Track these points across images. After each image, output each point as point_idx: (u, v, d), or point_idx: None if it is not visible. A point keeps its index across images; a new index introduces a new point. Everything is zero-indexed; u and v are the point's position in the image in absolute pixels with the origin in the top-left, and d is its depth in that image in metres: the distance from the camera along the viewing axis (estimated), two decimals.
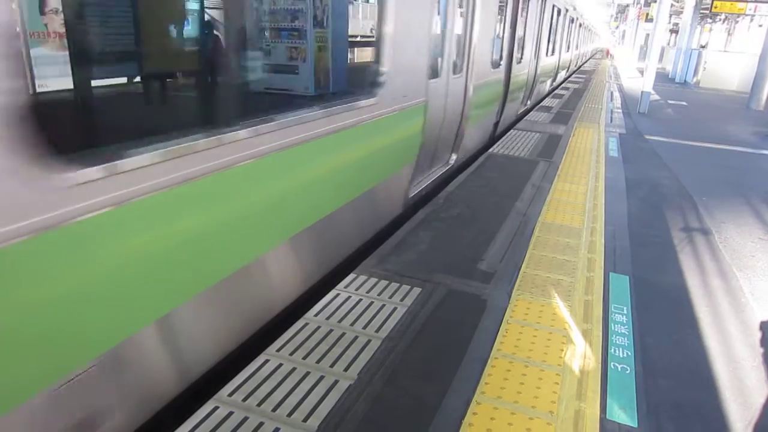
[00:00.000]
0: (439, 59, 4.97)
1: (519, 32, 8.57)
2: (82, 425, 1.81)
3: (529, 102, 11.10)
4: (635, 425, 2.18)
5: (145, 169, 1.83)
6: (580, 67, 29.10)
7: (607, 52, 48.05)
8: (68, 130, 3.19)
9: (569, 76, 21.63)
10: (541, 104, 12.19)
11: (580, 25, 23.94)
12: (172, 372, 2.22)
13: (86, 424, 1.82)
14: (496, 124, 8.12)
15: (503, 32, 7.56)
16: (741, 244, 4.49)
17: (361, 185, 3.59)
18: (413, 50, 4.02)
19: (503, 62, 7.67)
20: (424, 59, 4.25)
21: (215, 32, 3.99)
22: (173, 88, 4.31)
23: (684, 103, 15.83)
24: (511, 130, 8.41)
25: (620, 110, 12.77)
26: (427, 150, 4.80)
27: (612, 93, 16.72)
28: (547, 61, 12.95)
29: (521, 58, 9.02)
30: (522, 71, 9.27)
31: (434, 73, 4.70)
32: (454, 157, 5.86)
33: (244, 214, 2.43)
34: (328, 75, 4.24)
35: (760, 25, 31.22)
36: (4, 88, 1.39)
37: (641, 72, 15.42)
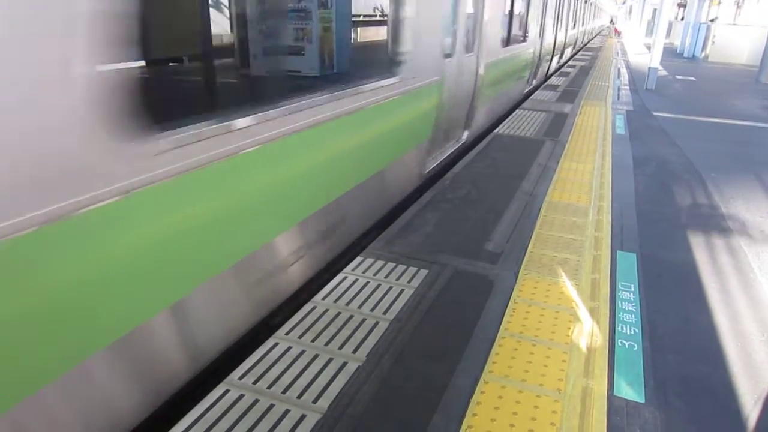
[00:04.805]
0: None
1: (524, 11, 8.95)
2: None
3: (534, 81, 11.21)
4: (642, 401, 2.19)
5: None
6: (586, 44, 28.69)
7: (616, 30, 46.43)
8: None
9: (576, 53, 21.40)
10: (547, 83, 12.06)
11: (586, 1, 23.50)
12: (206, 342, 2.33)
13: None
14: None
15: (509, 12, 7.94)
16: (750, 220, 4.45)
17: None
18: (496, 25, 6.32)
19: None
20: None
21: None
22: None
23: (692, 78, 15.60)
24: (517, 110, 8.36)
25: (627, 87, 12.61)
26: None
27: (619, 70, 16.49)
28: (552, 39, 12.86)
29: (525, 36, 9.23)
30: (528, 50, 9.49)
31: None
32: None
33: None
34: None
35: None
36: None
37: (649, 48, 15.16)
